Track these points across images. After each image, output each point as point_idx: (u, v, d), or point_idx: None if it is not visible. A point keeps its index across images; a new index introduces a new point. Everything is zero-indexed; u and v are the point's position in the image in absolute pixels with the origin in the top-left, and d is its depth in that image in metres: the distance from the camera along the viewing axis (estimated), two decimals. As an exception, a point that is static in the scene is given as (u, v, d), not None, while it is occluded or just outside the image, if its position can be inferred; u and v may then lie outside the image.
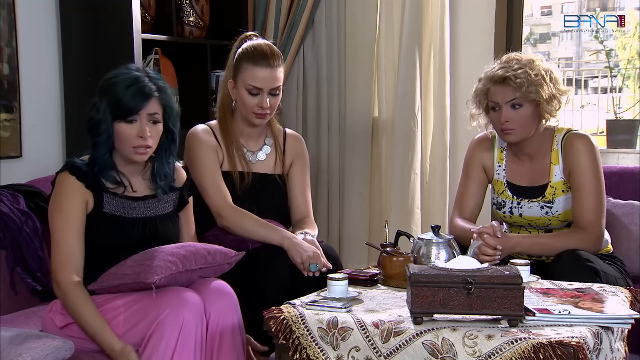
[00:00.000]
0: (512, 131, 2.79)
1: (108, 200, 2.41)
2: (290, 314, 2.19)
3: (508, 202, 2.91)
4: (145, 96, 2.37)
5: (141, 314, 2.27)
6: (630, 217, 3.15)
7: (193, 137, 2.94)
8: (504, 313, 2.06)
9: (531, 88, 2.72)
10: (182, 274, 2.34)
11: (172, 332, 2.23)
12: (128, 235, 2.42)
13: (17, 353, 1.97)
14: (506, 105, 2.77)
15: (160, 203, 2.51)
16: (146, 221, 2.47)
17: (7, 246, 2.66)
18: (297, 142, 3.08)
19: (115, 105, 2.36)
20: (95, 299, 2.33)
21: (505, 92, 2.76)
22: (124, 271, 2.31)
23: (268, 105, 2.86)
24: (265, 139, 3.03)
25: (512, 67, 2.75)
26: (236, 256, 2.49)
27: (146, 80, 2.39)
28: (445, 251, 2.53)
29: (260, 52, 2.87)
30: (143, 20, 3.41)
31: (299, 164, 3.05)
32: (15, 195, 2.77)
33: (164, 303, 2.26)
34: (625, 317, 2.12)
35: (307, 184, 3.06)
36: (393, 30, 3.83)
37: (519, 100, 2.75)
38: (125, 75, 2.39)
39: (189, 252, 2.37)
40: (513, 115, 2.77)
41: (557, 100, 2.79)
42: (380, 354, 2.07)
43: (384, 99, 3.88)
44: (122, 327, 2.28)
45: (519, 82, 2.72)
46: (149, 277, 2.25)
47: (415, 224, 3.75)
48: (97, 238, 2.39)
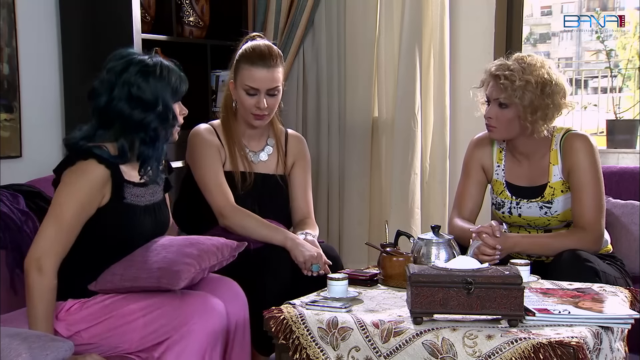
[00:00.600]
0: (494, 129, 2.83)
1: (128, 191, 2.36)
2: (290, 314, 2.19)
3: (507, 202, 2.91)
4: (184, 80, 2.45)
5: (165, 318, 2.26)
6: (630, 217, 3.15)
7: (195, 137, 2.94)
8: (504, 313, 2.06)
9: (515, 93, 2.72)
10: (199, 273, 2.35)
11: (202, 340, 2.24)
12: (146, 224, 2.40)
13: (17, 353, 1.97)
14: (494, 102, 2.80)
15: (158, 188, 2.50)
16: (154, 207, 2.46)
17: (7, 246, 2.65)
18: (299, 143, 3.08)
19: (173, 90, 2.38)
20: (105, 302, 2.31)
21: (495, 89, 2.79)
22: (135, 274, 2.29)
23: (265, 105, 2.86)
24: (267, 139, 3.03)
25: (508, 67, 2.76)
26: (239, 247, 2.50)
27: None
28: (445, 251, 2.53)
29: (258, 52, 2.87)
30: (143, 20, 3.41)
31: (301, 164, 3.05)
32: (15, 196, 2.77)
33: (192, 310, 2.26)
34: (625, 317, 2.12)
35: (309, 184, 3.07)
36: (393, 30, 3.83)
37: (504, 101, 2.76)
38: (154, 61, 2.38)
39: (201, 250, 2.37)
40: (498, 113, 2.79)
41: (542, 111, 2.75)
42: (380, 354, 2.07)
43: (383, 99, 3.88)
44: (140, 332, 2.26)
45: (504, 84, 2.75)
46: (174, 283, 2.24)
47: (415, 224, 3.75)
48: (114, 231, 2.33)
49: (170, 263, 2.29)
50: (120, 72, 2.33)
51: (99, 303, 2.32)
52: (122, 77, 2.32)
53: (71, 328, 2.31)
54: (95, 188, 2.28)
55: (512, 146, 2.91)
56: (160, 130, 2.36)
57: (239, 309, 2.43)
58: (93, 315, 2.30)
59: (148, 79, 2.33)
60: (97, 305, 2.32)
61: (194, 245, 2.39)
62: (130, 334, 2.26)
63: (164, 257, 2.31)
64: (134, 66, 2.33)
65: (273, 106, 2.90)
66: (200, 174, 2.86)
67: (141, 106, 2.32)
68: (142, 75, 2.32)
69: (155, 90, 2.33)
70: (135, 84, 2.31)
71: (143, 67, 2.33)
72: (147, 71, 2.33)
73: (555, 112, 2.78)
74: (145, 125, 2.33)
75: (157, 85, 2.33)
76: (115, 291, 2.32)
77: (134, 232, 2.37)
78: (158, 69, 2.35)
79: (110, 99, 2.32)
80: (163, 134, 2.38)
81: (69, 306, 2.33)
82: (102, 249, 2.34)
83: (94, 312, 2.30)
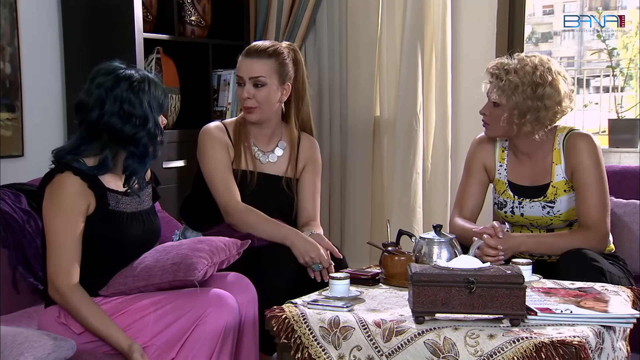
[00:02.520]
0: (487, 125, 2.87)
1: (112, 198, 2.39)
2: (292, 313, 2.19)
3: (509, 201, 2.91)
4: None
5: (176, 313, 2.27)
6: (631, 217, 3.14)
7: (205, 134, 2.95)
8: (505, 312, 2.06)
9: (505, 94, 2.74)
10: (211, 267, 2.37)
11: (215, 334, 2.25)
12: (135, 230, 2.42)
13: (19, 352, 1.97)
14: (489, 100, 2.83)
15: (144, 196, 2.52)
16: (142, 215, 2.48)
17: (9, 245, 2.66)
18: (311, 146, 3.08)
19: (159, 104, 2.41)
20: (117, 301, 2.33)
21: (490, 87, 2.83)
22: (149, 272, 2.32)
23: (247, 95, 2.87)
24: (278, 141, 3.03)
25: (502, 67, 2.78)
26: (244, 244, 2.53)
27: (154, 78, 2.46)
28: (447, 250, 2.53)
29: (252, 46, 2.94)
30: (145, 19, 3.42)
31: (311, 168, 3.05)
32: (17, 195, 2.77)
33: (203, 303, 2.27)
34: (627, 317, 2.12)
35: (317, 188, 3.06)
36: (395, 30, 3.83)
37: (494, 100, 2.80)
38: (141, 75, 2.40)
39: (211, 246, 2.41)
40: (492, 110, 2.82)
41: (533, 115, 2.73)
42: (382, 353, 2.07)
43: (385, 98, 3.88)
44: (152, 326, 2.27)
45: (493, 83, 2.78)
46: (190, 274, 2.28)
47: (417, 223, 3.75)
48: (104, 237, 2.36)
49: (184, 257, 2.33)
50: (111, 88, 2.36)
51: (111, 302, 2.34)
52: (113, 93, 2.36)
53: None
54: (74, 199, 2.31)
55: (514, 145, 2.91)
56: (149, 146, 2.41)
57: (249, 302, 2.45)
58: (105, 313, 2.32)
59: (138, 95, 2.37)
60: (108, 304, 2.34)
61: (204, 242, 2.44)
62: (143, 329, 2.28)
63: (175, 254, 2.36)
64: (124, 82, 2.37)
65: (260, 99, 2.88)
66: (208, 172, 2.88)
67: (132, 122, 2.36)
68: (132, 92, 2.37)
69: (146, 107, 2.38)
70: (127, 100, 2.36)
71: (133, 82, 2.38)
72: (137, 87, 2.38)
73: (549, 115, 2.75)
74: (137, 141, 2.38)
75: (146, 101, 2.38)
76: (129, 292, 2.35)
77: (122, 237, 2.40)
78: (146, 84, 2.39)
79: (102, 114, 2.36)
80: (151, 150, 2.42)
81: None
82: (98, 255, 2.37)
83: (106, 310, 2.32)
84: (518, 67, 2.75)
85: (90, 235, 2.35)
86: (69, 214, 2.30)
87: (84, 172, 2.33)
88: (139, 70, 2.44)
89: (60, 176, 2.33)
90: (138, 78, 2.38)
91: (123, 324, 2.30)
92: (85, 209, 2.34)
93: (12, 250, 2.66)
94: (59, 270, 2.28)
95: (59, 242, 2.29)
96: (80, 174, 2.33)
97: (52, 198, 2.33)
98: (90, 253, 2.34)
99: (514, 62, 2.78)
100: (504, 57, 2.86)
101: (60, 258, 2.29)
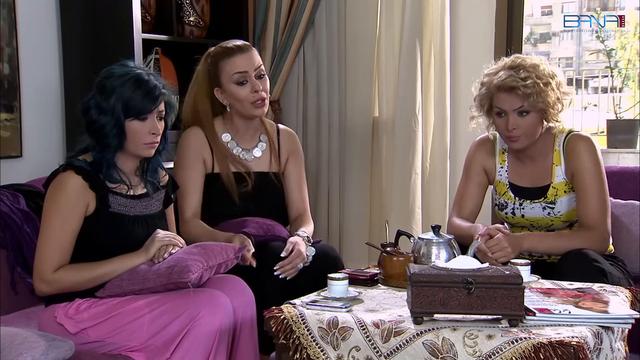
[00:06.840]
0: (519, 138, 2.78)
1: (113, 200, 2.40)
2: (290, 313, 2.19)
3: (510, 203, 2.91)
4: (157, 96, 2.39)
5: (170, 314, 2.27)
6: (630, 217, 3.15)
7: (182, 139, 2.97)
8: (504, 313, 2.06)
9: (539, 98, 2.71)
10: (207, 271, 2.37)
11: (210, 335, 2.25)
12: (135, 233, 2.42)
13: (18, 352, 1.97)
14: (513, 113, 2.75)
15: (153, 201, 2.52)
16: (147, 219, 2.48)
17: (7, 246, 2.66)
18: (291, 138, 3.09)
19: (126, 106, 2.35)
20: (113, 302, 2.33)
21: (513, 100, 2.74)
22: (144, 275, 2.32)
23: (260, 87, 2.87)
24: (260, 135, 3.03)
25: (519, 76, 2.72)
26: (242, 249, 2.52)
27: (152, 79, 2.40)
28: (445, 251, 2.53)
29: (231, 46, 2.94)
30: (143, 20, 3.41)
31: (295, 159, 3.06)
32: (15, 195, 2.77)
33: (197, 304, 2.27)
34: (626, 317, 2.12)
35: (303, 179, 3.08)
36: (393, 30, 3.83)
37: (527, 108, 2.74)
38: (129, 75, 2.37)
39: (207, 249, 2.41)
40: (520, 122, 2.76)
41: (561, 103, 2.78)
42: (381, 354, 2.07)
43: (384, 98, 3.88)
44: (147, 328, 2.28)
45: (528, 92, 2.71)
46: (184, 275, 2.27)
47: (416, 224, 3.75)
48: (103, 238, 2.37)
49: (179, 260, 2.33)
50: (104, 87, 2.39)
51: (107, 302, 2.34)
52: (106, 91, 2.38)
53: (78, 325, 2.33)
54: (73, 197, 2.33)
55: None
56: (107, 148, 2.37)
57: (246, 306, 2.44)
58: (100, 314, 2.32)
59: (101, 94, 2.38)
60: (104, 305, 2.34)
61: (199, 246, 2.43)
62: (138, 330, 2.28)
63: (171, 257, 2.37)
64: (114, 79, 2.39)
65: (267, 89, 2.92)
66: (177, 177, 2.87)
67: (99, 111, 2.37)
68: (107, 88, 2.38)
69: (105, 106, 2.36)
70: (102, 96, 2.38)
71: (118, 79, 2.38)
72: (101, 87, 2.39)
73: (565, 99, 2.81)
74: (99, 140, 2.38)
75: (102, 100, 2.37)
76: (124, 295, 2.34)
77: (122, 240, 2.40)
78: (110, 83, 2.37)
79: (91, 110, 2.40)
80: (112, 154, 2.39)
81: (77, 304, 2.36)
82: (97, 256, 2.37)
83: (101, 311, 2.32)
84: (531, 69, 2.74)
85: (89, 235, 2.35)
86: (65, 212, 2.32)
87: (86, 172, 2.34)
88: (135, 67, 2.43)
89: (63, 175, 2.35)
90: (122, 73, 2.38)
91: (115, 325, 2.30)
92: (83, 209, 2.35)
93: (10, 251, 2.66)
94: (46, 265, 2.31)
95: (51, 239, 2.32)
96: (82, 173, 2.34)
97: (52, 195, 2.35)
98: (88, 253, 2.35)
99: (520, 69, 2.75)
100: (496, 63, 2.85)
101: (51, 254, 2.31)
